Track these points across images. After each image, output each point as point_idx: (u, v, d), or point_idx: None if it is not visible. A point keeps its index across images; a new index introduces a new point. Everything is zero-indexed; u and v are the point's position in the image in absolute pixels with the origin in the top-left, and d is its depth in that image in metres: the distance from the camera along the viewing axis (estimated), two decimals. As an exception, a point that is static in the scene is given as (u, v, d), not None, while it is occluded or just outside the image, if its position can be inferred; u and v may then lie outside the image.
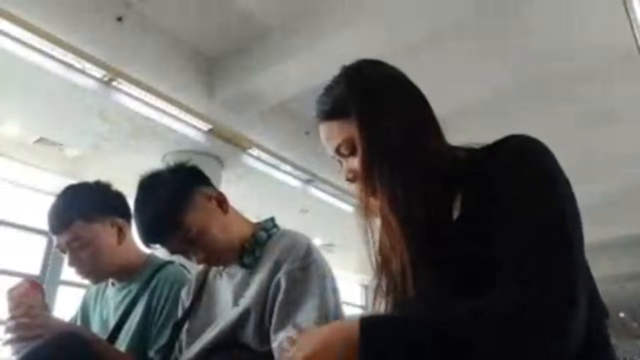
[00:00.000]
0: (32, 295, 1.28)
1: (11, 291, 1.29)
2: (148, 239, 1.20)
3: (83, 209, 1.39)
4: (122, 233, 1.45)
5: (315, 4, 3.78)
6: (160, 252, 1.56)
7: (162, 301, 1.38)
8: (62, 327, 1.26)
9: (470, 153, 0.82)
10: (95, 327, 1.49)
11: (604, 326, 0.72)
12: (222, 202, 1.25)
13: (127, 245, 1.47)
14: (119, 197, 1.49)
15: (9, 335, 1.21)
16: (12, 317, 1.21)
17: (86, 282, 1.60)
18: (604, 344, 0.71)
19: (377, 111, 0.81)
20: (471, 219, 0.74)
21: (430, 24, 3.63)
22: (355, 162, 0.84)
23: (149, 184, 1.23)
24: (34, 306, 1.25)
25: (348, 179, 0.87)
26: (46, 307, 1.29)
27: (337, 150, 0.87)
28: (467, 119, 4.12)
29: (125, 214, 1.47)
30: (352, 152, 0.84)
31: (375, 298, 0.86)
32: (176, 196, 1.18)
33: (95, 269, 1.40)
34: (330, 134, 0.87)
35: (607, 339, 0.72)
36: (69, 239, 1.36)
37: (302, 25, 3.92)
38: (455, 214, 0.77)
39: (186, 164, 1.30)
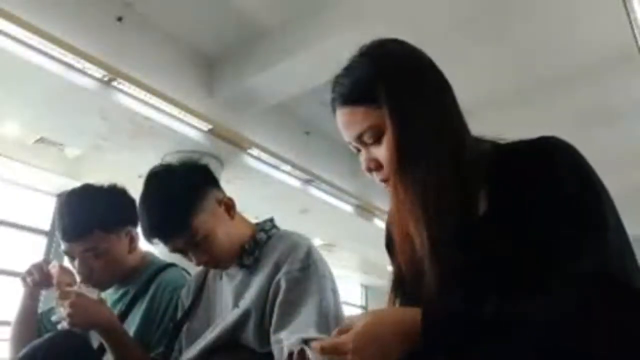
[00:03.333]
0: (67, 276, 1.31)
1: (45, 264, 1.35)
2: (152, 235, 1.16)
3: (103, 219, 1.34)
4: (133, 242, 1.42)
5: (315, 4, 3.78)
6: (158, 249, 1.56)
7: (163, 308, 1.35)
8: (90, 310, 1.20)
9: (496, 147, 0.78)
10: None
11: None
12: (230, 207, 1.23)
13: (134, 251, 1.45)
14: (133, 205, 1.43)
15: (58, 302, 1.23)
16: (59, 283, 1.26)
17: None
18: None
19: (408, 97, 0.75)
20: (499, 218, 0.71)
21: (430, 24, 3.63)
22: (380, 151, 0.77)
23: (162, 178, 1.19)
24: (71, 284, 1.28)
25: (369, 169, 0.80)
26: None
27: (359, 138, 0.79)
28: (467, 118, 4.11)
29: (136, 221, 1.42)
30: (377, 140, 0.77)
31: (391, 298, 0.83)
32: (189, 196, 1.15)
33: (104, 279, 1.38)
34: (352, 121, 0.78)
35: None
36: (85, 248, 1.32)
37: (302, 25, 3.92)
38: (481, 210, 0.74)
39: (198, 163, 1.26)
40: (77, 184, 1.50)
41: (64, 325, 1.19)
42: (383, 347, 0.66)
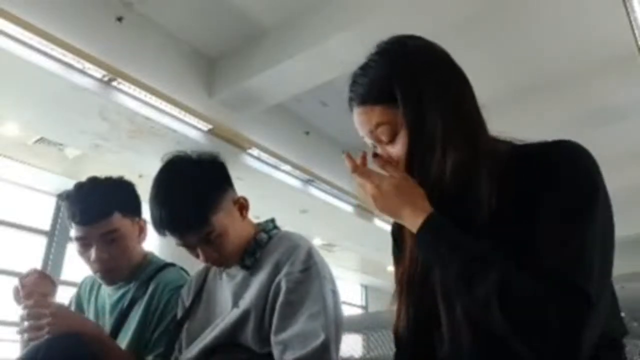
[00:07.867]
0: (43, 285, 1.27)
1: (23, 278, 1.27)
2: (166, 229, 1.10)
3: (122, 201, 1.37)
4: (142, 232, 1.44)
5: (314, 4, 3.78)
6: (159, 247, 1.54)
7: (162, 307, 1.34)
8: (74, 320, 1.22)
9: (514, 148, 0.78)
10: None
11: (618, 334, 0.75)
12: (244, 207, 1.22)
13: (143, 242, 1.46)
14: (139, 198, 1.46)
15: (24, 324, 1.18)
16: (25, 306, 1.20)
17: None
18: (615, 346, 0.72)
19: (424, 99, 0.76)
20: (505, 219, 0.71)
21: (429, 25, 3.62)
22: (395, 150, 0.79)
23: (181, 169, 1.15)
24: (46, 295, 1.25)
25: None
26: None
27: (372, 134, 0.80)
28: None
29: (142, 213, 1.45)
30: (392, 139, 0.78)
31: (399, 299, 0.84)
32: (213, 193, 1.13)
33: (117, 267, 1.37)
34: (367, 118, 0.79)
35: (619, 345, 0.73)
36: (105, 231, 1.32)
37: (302, 25, 3.91)
38: (493, 208, 0.74)
39: (217, 158, 1.23)
40: (76, 184, 1.49)
41: (28, 337, 1.16)
42: (400, 204, 0.75)
